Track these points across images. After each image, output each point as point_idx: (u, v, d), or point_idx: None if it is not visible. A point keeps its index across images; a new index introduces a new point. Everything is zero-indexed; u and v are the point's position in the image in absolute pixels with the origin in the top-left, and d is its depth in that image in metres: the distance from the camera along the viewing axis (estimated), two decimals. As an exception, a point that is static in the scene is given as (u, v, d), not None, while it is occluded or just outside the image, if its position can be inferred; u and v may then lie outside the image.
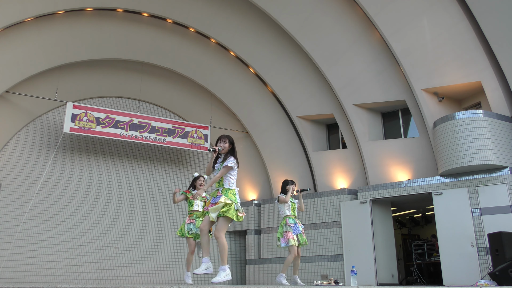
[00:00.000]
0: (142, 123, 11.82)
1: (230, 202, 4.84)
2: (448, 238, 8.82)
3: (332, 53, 10.58)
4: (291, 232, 7.00)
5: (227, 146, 5.06)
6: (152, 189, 12.50)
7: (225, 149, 5.05)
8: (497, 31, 8.44)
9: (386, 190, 9.91)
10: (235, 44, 11.54)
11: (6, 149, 11.15)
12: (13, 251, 10.33)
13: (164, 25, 11.38)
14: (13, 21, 9.57)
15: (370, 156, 10.66)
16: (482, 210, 8.58)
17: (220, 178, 4.98)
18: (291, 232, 7.03)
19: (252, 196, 13.09)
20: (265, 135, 12.81)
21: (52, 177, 11.34)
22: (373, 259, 9.63)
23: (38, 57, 10.75)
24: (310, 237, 10.85)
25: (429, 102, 9.62)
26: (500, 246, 7.20)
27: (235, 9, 10.85)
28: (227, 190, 4.93)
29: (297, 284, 6.88)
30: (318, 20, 10.27)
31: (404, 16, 9.29)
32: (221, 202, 4.81)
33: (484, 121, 8.62)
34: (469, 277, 8.26)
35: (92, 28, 10.94)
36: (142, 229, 11.99)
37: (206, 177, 6.85)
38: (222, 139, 5.09)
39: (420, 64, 9.47)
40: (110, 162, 12.18)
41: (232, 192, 4.94)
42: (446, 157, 8.85)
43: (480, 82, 9.01)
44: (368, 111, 10.99)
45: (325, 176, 11.60)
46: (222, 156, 5.10)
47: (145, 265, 11.80)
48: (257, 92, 12.46)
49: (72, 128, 10.96)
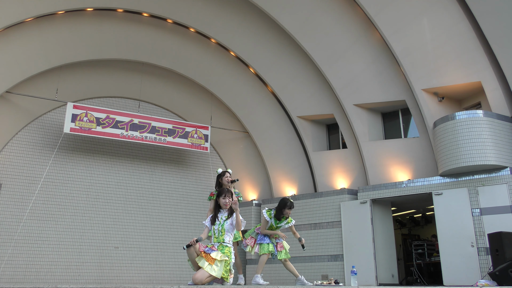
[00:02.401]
0: (142, 123, 11.82)
1: (227, 259, 4.88)
2: (448, 238, 8.82)
3: (332, 53, 10.58)
4: (255, 239, 6.45)
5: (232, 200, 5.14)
6: (152, 189, 12.50)
7: (229, 204, 5.12)
8: (497, 31, 8.44)
9: (386, 190, 9.91)
10: (235, 44, 11.54)
11: (7, 149, 11.15)
12: (14, 251, 10.33)
13: (164, 25, 11.39)
14: (14, 21, 9.58)
15: (370, 156, 10.66)
16: (482, 210, 8.58)
17: (222, 232, 4.99)
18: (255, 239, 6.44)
19: (252, 196, 13.09)
20: (265, 135, 12.81)
21: (52, 177, 11.35)
22: (373, 259, 9.63)
23: (39, 57, 10.76)
24: (310, 237, 10.87)
25: (429, 102, 9.62)
26: (500, 246, 7.20)
27: (235, 9, 10.86)
28: (224, 247, 4.95)
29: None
30: (318, 20, 10.27)
31: (404, 16, 9.29)
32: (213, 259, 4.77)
33: (484, 121, 8.62)
34: (469, 277, 8.26)
35: (92, 28, 10.95)
36: (142, 229, 11.99)
37: (231, 171, 6.47)
38: (228, 193, 5.17)
39: (420, 64, 9.47)
40: (110, 162, 12.19)
41: (229, 250, 4.97)
42: (446, 157, 8.85)
43: (480, 82, 9.01)
44: (368, 111, 10.99)
45: (325, 176, 11.60)
46: (225, 211, 5.12)
47: (145, 265, 11.80)
48: (257, 92, 12.47)
49: (72, 128, 10.96)
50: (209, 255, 4.78)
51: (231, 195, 5.20)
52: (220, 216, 5.11)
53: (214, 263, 4.74)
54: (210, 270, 4.70)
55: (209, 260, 4.74)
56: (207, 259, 4.75)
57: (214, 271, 4.73)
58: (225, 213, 5.13)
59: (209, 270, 4.70)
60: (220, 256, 4.80)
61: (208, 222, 5.15)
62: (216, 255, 4.78)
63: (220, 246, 4.93)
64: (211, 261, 4.74)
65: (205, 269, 4.70)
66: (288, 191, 12.30)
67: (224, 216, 5.11)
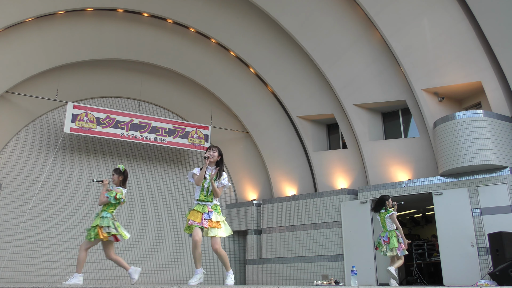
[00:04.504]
0: (143, 123, 11.82)
1: (223, 219, 5.01)
2: (448, 238, 8.82)
3: (332, 53, 10.58)
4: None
5: (216, 155, 5.07)
6: (152, 189, 12.50)
7: (214, 158, 5.06)
8: (497, 31, 8.44)
9: (386, 190, 9.90)
10: (235, 44, 11.55)
11: (7, 149, 11.16)
12: (14, 251, 10.33)
13: (165, 25, 11.39)
14: (14, 21, 9.58)
15: (370, 156, 10.66)
16: (482, 210, 8.58)
17: (210, 192, 5.00)
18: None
19: (252, 196, 13.09)
20: (265, 135, 12.81)
21: (52, 177, 11.35)
22: (373, 259, 9.64)
23: (39, 57, 10.76)
24: (310, 237, 10.87)
25: (429, 102, 9.62)
26: (500, 246, 7.20)
27: (236, 9, 10.86)
28: (216, 206, 5.04)
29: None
30: (318, 20, 10.27)
31: (404, 16, 9.29)
32: (218, 222, 4.91)
33: (484, 121, 8.62)
34: (469, 277, 8.26)
35: (93, 28, 10.95)
36: (142, 229, 11.99)
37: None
38: (212, 148, 5.11)
39: (420, 64, 9.47)
40: (110, 162, 12.18)
41: (219, 207, 5.08)
42: (446, 157, 8.85)
43: (480, 82, 9.01)
44: (369, 111, 10.99)
45: (325, 176, 11.60)
46: (212, 167, 5.06)
47: (145, 265, 11.79)
48: (257, 92, 12.47)
49: (72, 128, 10.97)
50: (212, 221, 4.87)
51: (217, 150, 5.10)
52: (208, 173, 5.01)
53: (221, 226, 4.88)
54: (222, 234, 4.89)
55: (217, 225, 4.87)
56: (213, 225, 4.85)
57: (224, 232, 4.92)
58: (212, 171, 5.02)
59: (222, 235, 4.88)
60: (221, 217, 4.97)
61: (197, 170, 5.03)
62: (217, 217, 4.92)
63: (214, 206, 4.99)
64: (218, 225, 4.88)
65: (218, 236, 4.85)
66: (288, 191, 12.31)
67: (210, 174, 4.99)
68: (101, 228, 5.67)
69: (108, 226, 5.67)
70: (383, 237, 7.89)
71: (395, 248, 7.71)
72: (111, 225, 5.72)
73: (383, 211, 7.97)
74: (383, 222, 8.03)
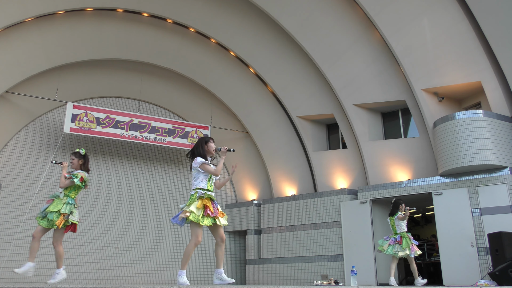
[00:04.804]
0: (142, 123, 11.83)
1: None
2: (448, 238, 8.83)
3: (332, 53, 10.58)
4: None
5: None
6: (152, 189, 12.50)
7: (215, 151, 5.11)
8: (497, 31, 8.44)
9: (386, 190, 9.91)
10: (235, 44, 11.55)
11: (7, 149, 11.16)
12: (14, 251, 10.33)
13: (164, 25, 11.39)
14: (14, 21, 9.58)
15: (370, 156, 10.66)
16: (482, 210, 8.59)
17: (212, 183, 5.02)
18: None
19: (252, 196, 13.09)
20: (265, 135, 12.81)
21: (52, 177, 11.34)
22: (373, 259, 9.64)
23: (39, 57, 10.76)
24: (310, 237, 10.87)
25: (429, 102, 9.62)
26: (500, 246, 7.21)
27: (235, 9, 10.86)
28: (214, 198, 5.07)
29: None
30: (318, 20, 10.27)
31: (404, 16, 9.30)
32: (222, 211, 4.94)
33: (484, 121, 8.62)
34: (469, 277, 8.27)
35: (93, 28, 10.95)
36: (142, 229, 11.99)
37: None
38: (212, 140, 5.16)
39: (420, 64, 9.48)
40: (110, 162, 12.19)
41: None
42: (446, 157, 8.85)
43: (480, 82, 9.01)
44: (368, 111, 10.99)
45: (325, 176, 11.60)
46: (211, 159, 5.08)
47: (145, 265, 11.80)
48: (257, 92, 12.47)
49: (72, 128, 10.97)
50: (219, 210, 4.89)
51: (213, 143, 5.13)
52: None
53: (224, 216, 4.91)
54: (225, 222, 4.92)
55: (222, 214, 4.91)
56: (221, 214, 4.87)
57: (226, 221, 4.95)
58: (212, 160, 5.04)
59: (225, 223, 4.91)
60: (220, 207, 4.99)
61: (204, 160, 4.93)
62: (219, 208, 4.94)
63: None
64: (223, 214, 4.92)
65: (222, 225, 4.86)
66: (288, 191, 12.31)
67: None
68: (63, 215, 5.45)
69: (71, 213, 5.46)
70: (396, 238, 8.05)
71: (408, 248, 7.87)
72: (74, 213, 5.52)
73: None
74: (393, 225, 8.24)
